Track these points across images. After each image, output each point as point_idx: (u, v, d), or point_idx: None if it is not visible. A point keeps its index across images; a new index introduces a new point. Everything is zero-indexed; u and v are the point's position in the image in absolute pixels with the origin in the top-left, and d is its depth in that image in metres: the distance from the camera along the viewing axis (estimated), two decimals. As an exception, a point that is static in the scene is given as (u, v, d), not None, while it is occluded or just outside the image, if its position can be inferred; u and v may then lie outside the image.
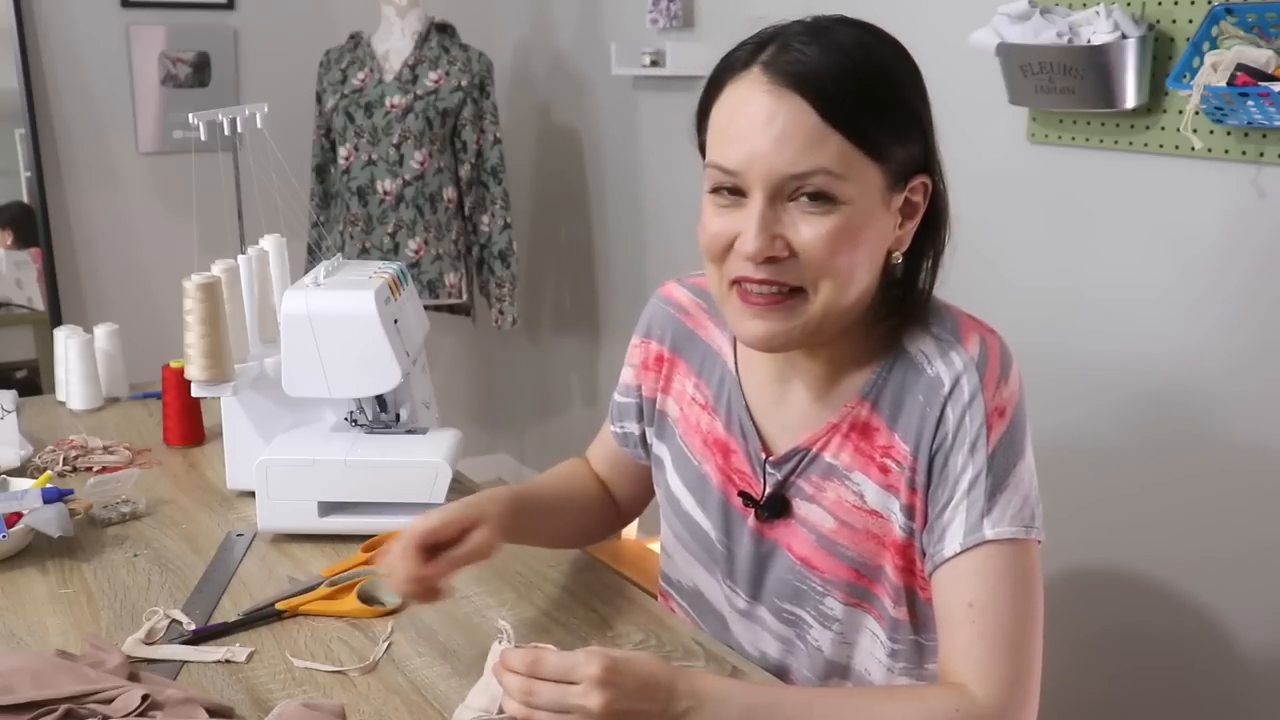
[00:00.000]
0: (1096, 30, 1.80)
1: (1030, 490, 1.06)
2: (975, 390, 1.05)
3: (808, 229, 1.00)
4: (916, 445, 1.08)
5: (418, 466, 1.43)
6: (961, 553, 1.04)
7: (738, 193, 1.02)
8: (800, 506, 1.15)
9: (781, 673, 1.20)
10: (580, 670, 0.92)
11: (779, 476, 1.16)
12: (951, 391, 1.06)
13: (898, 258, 1.07)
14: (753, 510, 1.18)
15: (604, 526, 1.40)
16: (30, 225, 3.15)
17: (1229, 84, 1.61)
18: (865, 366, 1.11)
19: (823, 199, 0.99)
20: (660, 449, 1.29)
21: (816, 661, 1.18)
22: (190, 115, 1.79)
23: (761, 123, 0.99)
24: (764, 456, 1.16)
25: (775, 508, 1.16)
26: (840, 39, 1.01)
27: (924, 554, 1.09)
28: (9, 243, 3.17)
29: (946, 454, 1.06)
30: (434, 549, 1.12)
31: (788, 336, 1.05)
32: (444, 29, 3.12)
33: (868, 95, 1.00)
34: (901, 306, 1.10)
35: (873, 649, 1.16)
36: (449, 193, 3.13)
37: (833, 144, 0.98)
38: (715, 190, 1.04)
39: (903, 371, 1.09)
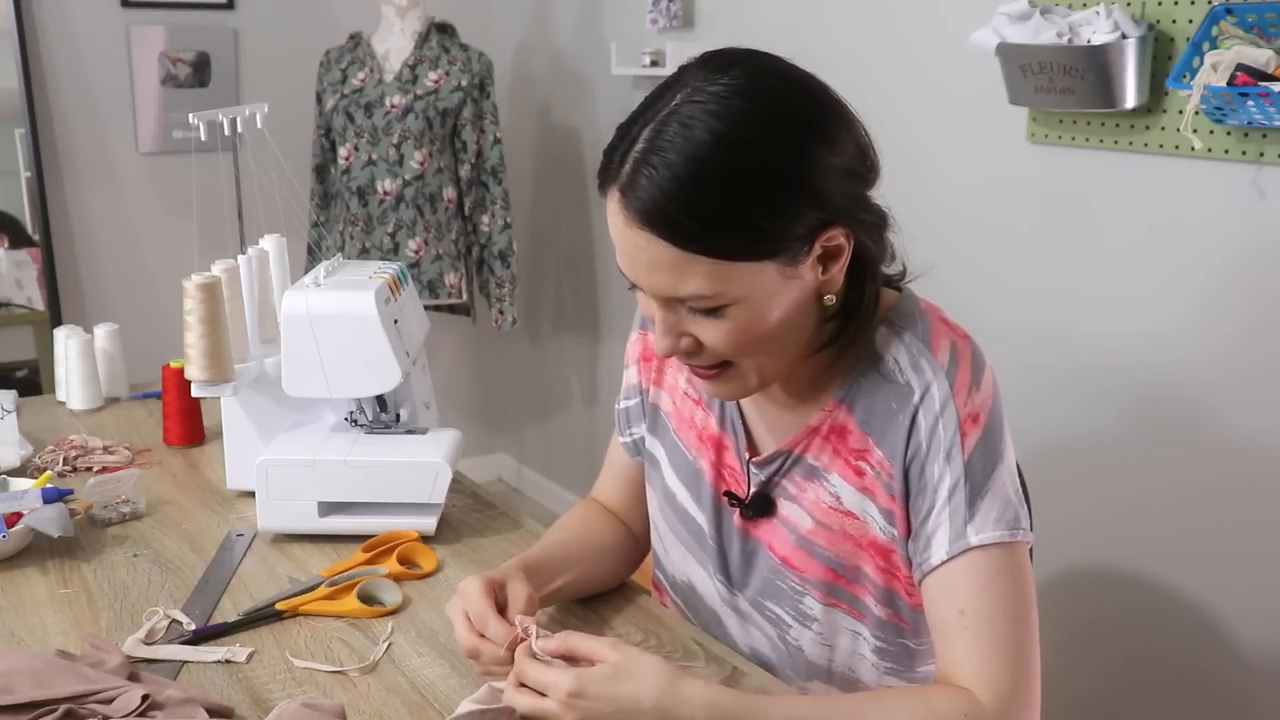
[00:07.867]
0: (1096, 30, 1.80)
1: (1012, 493, 1.06)
2: (946, 399, 1.05)
3: (708, 329, 1.03)
4: (892, 453, 1.08)
5: (418, 466, 1.43)
6: (948, 560, 1.04)
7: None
8: (784, 506, 1.16)
9: (771, 671, 1.19)
10: (552, 684, 0.98)
11: (762, 477, 1.17)
12: (922, 400, 1.06)
13: (831, 299, 1.06)
14: (738, 509, 1.19)
15: (627, 565, 1.36)
16: (16, 231, 3.15)
17: (1229, 84, 1.60)
18: (842, 372, 1.12)
19: (709, 311, 1.01)
20: (654, 445, 1.29)
21: (799, 661, 1.18)
22: (190, 115, 1.79)
23: (630, 253, 1.01)
24: (748, 456, 1.17)
25: (760, 507, 1.17)
26: (692, 142, 0.95)
27: (910, 562, 1.10)
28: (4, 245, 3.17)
29: (922, 463, 1.06)
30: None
31: (744, 391, 1.10)
32: (444, 29, 3.12)
33: (723, 213, 0.96)
34: (847, 331, 1.09)
35: (856, 647, 1.16)
36: (449, 193, 3.13)
37: (699, 269, 0.98)
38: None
39: (876, 378, 1.10)
